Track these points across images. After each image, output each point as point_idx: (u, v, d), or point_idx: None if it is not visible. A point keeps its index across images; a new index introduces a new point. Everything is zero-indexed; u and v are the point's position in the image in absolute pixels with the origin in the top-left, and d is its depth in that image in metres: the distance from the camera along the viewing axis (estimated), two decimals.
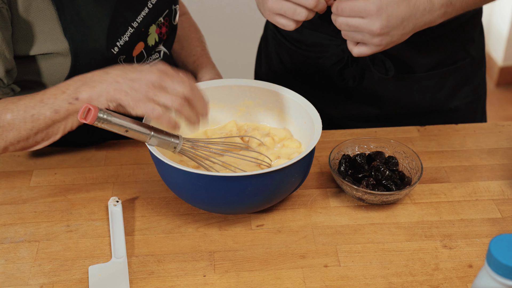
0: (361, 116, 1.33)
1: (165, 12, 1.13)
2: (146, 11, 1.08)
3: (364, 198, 1.01)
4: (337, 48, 1.25)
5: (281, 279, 0.90)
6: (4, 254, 0.94)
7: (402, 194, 1.01)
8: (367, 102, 1.31)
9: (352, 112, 1.33)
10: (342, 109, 1.33)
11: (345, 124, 1.32)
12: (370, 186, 1.00)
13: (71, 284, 0.89)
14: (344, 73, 1.27)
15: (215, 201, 0.93)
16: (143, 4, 1.08)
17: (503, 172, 1.11)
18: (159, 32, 1.12)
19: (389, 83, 1.27)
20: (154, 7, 1.09)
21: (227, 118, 1.11)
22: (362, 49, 1.03)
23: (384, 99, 1.30)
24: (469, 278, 0.90)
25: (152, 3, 1.09)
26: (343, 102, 1.33)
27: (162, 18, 1.13)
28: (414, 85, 1.27)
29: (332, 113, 1.34)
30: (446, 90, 1.29)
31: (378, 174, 1.03)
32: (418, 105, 1.30)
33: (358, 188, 0.99)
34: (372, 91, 1.29)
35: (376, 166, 1.04)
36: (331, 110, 1.33)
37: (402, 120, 1.30)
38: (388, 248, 0.95)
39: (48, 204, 1.04)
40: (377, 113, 1.32)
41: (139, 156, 1.14)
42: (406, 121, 1.30)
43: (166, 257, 0.94)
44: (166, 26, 1.14)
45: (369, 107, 1.31)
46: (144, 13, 1.08)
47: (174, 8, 1.16)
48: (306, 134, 1.04)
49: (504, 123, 1.24)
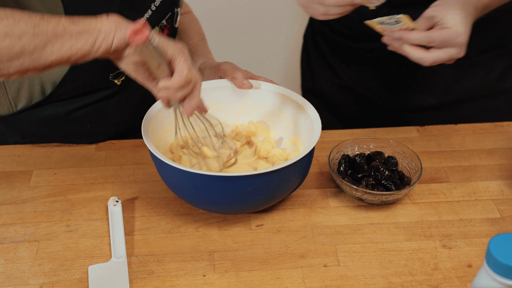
0: (415, 107, 1.35)
1: (168, 14, 1.14)
2: (150, 13, 1.09)
3: (364, 198, 1.01)
4: None
5: (280, 279, 0.90)
6: (4, 254, 0.94)
7: (402, 194, 1.01)
8: (422, 91, 1.33)
9: (406, 102, 1.35)
10: (398, 100, 1.35)
11: (401, 116, 1.35)
12: (369, 186, 1.01)
13: (71, 284, 0.89)
14: (399, 63, 1.29)
15: (214, 201, 0.93)
16: (147, 6, 1.09)
17: (502, 172, 1.11)
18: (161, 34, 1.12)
19: (444, 69, 1.28)
20: (157, 10, 1.10)
21: (227, 118, 1.11)
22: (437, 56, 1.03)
23: (438, 87, 1.32)
24: (468, 277, 0.90)
25: (155, 5, 1.10)
26: (398, 93, 1.35)
27: (165, 21, 1.13)
28: (467, 69, 1.29)
29: (388, 104, 1.36)
30: (496, 72, 1.30)
31: (378, 174, 1.03)
32: (469, 89, 1.32)
33: (357, 188, 1.00)
34: (427, 79, 1.31)
35: (375, 166, 1.04)
36: (386, 101, 1.36)
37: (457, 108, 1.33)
38: (388, 248, 0.95)
39: (48, 204, 1.04)
40: (431, 102, 1.34)
41: (139, 156, 1.15)
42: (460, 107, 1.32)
43: (166, 257, 0.94)
44: (168, 29, 1.15)
45: (423, 96, 1.33)
46: (148, 15, 1.09)
47: (176, 11, 1.16)
48: (305, 134, 1.04)
49: (503, 123, 1.24)
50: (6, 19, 0.77)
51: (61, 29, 0.79)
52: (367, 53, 1.32)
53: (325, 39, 1.39)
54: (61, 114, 1.13)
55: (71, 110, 1.13)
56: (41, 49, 0.79)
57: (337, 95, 1.43)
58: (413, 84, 1.33)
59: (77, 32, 0.80)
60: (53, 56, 0.80)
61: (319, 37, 1.41)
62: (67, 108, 1.12)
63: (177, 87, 0.84)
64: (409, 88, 1.34)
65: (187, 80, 0.84)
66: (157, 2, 1.10)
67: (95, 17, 0.81)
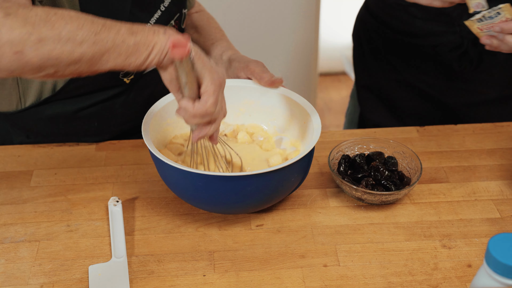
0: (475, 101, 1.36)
1: (176, 15, 1.15)
2: (159, 14, 1.10)
3: (364, 198, 1.01)
4: (454, 35, 1.28)
5: (280, 279, 0.90)
6: (5, 254, 0.94)
7: (401, 194, 1.01)
8: (483, 85, 1.34)
9: (467, 97, 1.36)
10: (458, 95, 1.36)
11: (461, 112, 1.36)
12: (369, 186, 1.01)
13: (71, 283, 0.89)
14: (462, 58, 1.30)
15: (214, 201, 0.94)
16: (156, 7, 1.10)
17: (502, 172, 1.11)
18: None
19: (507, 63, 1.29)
20: (166, 10, 1.12)
21: (227, 118, 1.12)
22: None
23: (500, 79, 1.33)
24: (468, 277, 0.90)
25: (164, 6, 1.11)
26: (460, 88, 1.35)
27: (173, 21, 1.14)
28: None
29: (448, 100, 1.37)
30: None
31: (378, 174, 1.03)
32: None
33: (357, 188, 1.00)
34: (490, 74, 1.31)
35: (375, 166, 1.04)
36: (446, 96, 1.36)
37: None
38: (388, 248, 0.95)
39: (48, 204, 1.04)
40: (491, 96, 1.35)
41: (139, 156, 1.15)
42: None
43: (166, 256, 0.94)
44: (176, 29, 1.15)
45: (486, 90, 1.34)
46: (157, 15, 1.10)
47: (184, 12, 1.17)
48: (305, 134, 1.04)
49: (503, 124, 1.24)
50: (71, 23, 0.77)
51: (120, 40, 0.79)
52: (429, 49, 1.32)
53: (382, 37, 1.40)
54: (69, 112, 1.13)
55: (79, 108, 1.14)
56: (99, 57, 0.79)
57: (395, 91, 1.43)
58: (475, 79, 1.33)
59: (134, 43, 0.80)
60: (108, 64, 0.81)
61: (375, 34, 1.41)
62: (75, 106, 1.13)
63: (195, 114, 0.85)
64: (471, 82, 1.34)
65: (207, 113, 0.85)
66: (166, 3, 1.12)
67: (153, 29, 0.82)
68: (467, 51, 1.29)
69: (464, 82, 1.35)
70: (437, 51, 1.32)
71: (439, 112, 1.39)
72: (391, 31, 1.37)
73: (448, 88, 1.37)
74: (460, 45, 1.28)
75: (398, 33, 1.36)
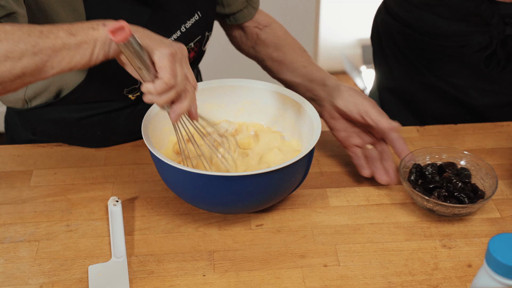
0: (503, 102, 1.35)
1: (197, 38, 1.12)
2: (178, 34, 1.08)
3: (435, 209, 0.98)
4: (483, 35, 1.26)
5: (280, 279, 0.90)
6: (4, 254, 0.94)
7: (475, 208, 0.98)
8: (511, 86, 1.32)
9: (492, 98, 1.34)
10: (484, 96, 1.34)
11: (487, 114, 1.34)
12: (441, 198, 0.98)
13: (71, 283, 0.89)
14: (490, 59, 1.28)
15: (214, 201, 0.93)
16: (176, 27, 1.07)
17: (502, 172, 1.11)
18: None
19: None
20: (187, 31, 1.09)
21: (227, 118, 1.11)
22: None
23: None
24: (468, 277, 0.90)
25: (186, 27, 1.08)
26: (485, 89, 1.34)
27: (193, 43, 1.12)
28: None
29: (472, 101, 1.35)
30: None
31: (450, 186, 1.00)
32: None
33: (429, 199, 0.97)
34: None
35: (448, 177, 1.01)
36: (471, 98, 1.35)
37: None
38: (388, 248, 0.95)
39: (48, 204, 1.04)
40: None
41: (139, 156, 1.15)
42: None
43: (165, 256, 0.94)
44: (195, 52, 1.13)
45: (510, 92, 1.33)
46: (176, 36, 1.07)
47: (207, 35, 1.15)
48: (305, 134, 1.04)
49: (503, 123, 1.24)
50: (6, 41, 0.77)
51: (60, 44, 0.79)
52: (455, 50, 1.31)
53: (405, 39, 1.38)
54: (72, 119, 1.13)
55: (82, 116, 1.12)
56: (42, 66, 0.79)
57: (418, 93, 1.41)
58: (502, 79, 1.32)
59: (76, 44, 0.80)
60: (54, 70, 0.80)
61: (398, 36, 1.39)
62: (78, 114, 1.12)
63: (158, 92, 0.82)
64: (498, 83, 1.32)
65: (168, 86, 0.82)
66: (188, 24, 1.09)
67: (93, 25, 0.81)
68: (495, 52, 1.27)
69: (491, 84, 1.33)
70: (463, 52, 1.29)
71: (463, 115, 1.37)
72: (415, 32, 1.35)
73: (474, 89, 1.34)
74: (488, 46, 1.26)
75: (422, 34, 1.34)
